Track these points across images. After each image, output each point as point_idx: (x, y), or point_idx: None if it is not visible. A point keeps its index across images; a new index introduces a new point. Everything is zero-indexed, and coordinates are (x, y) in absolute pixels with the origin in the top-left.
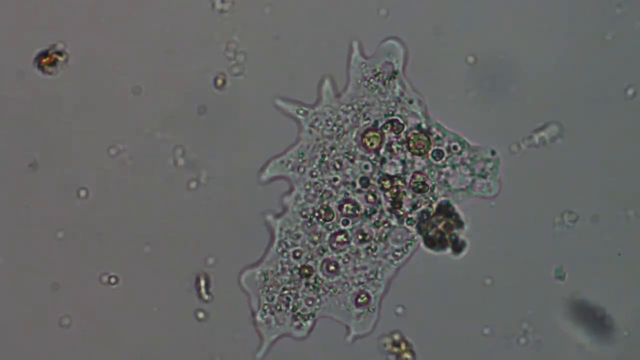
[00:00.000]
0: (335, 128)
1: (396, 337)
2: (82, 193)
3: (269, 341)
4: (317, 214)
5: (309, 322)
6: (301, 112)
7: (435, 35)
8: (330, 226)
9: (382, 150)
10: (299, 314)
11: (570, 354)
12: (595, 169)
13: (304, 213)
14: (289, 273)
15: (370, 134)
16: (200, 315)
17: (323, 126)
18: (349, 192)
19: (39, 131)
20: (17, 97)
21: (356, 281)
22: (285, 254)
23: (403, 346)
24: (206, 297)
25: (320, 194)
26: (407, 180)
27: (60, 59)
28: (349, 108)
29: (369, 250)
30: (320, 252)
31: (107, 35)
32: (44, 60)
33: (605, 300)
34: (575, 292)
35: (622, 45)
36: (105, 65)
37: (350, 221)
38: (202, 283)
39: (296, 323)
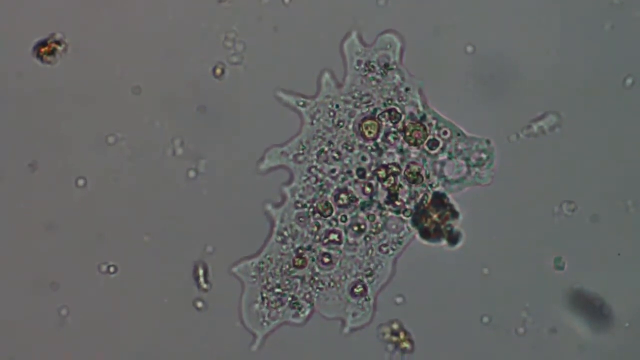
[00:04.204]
0: (336, 120)
1: (395, 326)
2: (81, 182)
3: (263, 334)
4: (312, 210)
5: (307, 311)
6: (301, 103)
7: (434, 25)
8: (330, 221)
9: (379, 140)
10: (296, 303)
11: (569, 344)
12: (594, 158)
13: (299, 205)
14: (288, 264)
15: (369, 123)
16: (199, 304)
17: (325, 118)
18: (344, 182)
19: (37, 120)
20: (15, 87)
21: (354, 272)
22: (285, 247)
23: (402, 335)
24: (205, 286)
25: (320, 184)
26: (403, 171)
27: (59, 48)
28: (350, 98)
29: (367, 239)
30: (311, 245)
31: (105, 24)
32: (43, 50)
33: (605, 290)
34: (574, 281)
35: (621, 35)
36: (103, 54)
37: (349, 217)
38: (201, 272)
39: (293, 312)
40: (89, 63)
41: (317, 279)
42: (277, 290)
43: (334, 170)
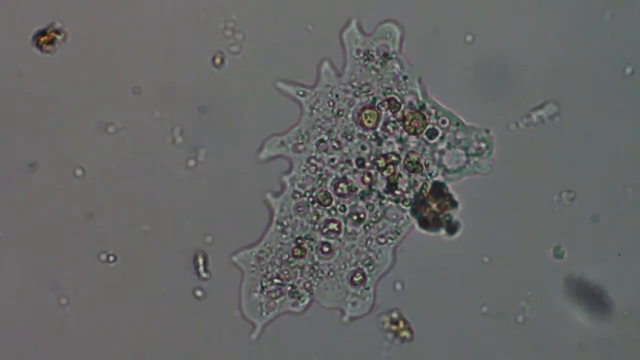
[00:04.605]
0: (335, 109)
1: (394, 315)
2: (79, 172)
3: (262, 323)
4: (312, 199)
5: (306, 300)
6: (301, 93)
7: (433, 15)
8: (329, 210)
9: (378, 129)
10: (296, 291)
11: (568, 332)
12: (594, 147)
13: (297, 195)
14: (287, 253)
15: (368, 111)
16: (199, 293)
17: (324, 107)
18: (343, 171)
19: (36, 110)
20: (13, 76)
21: (353, 261)
22: (284, 236)
23: (401, 324)
24: (204, 275)
25: (320, 173)
26: (402, 160)
27: (59, 37)
28: (349, 87)
29: (366, 228)
30: (309, 234)
31: (104, 13)
32: (42, 39)
33: (604, 278)
34: (573, 270)
35: (621, 24)
36: (103, 43)
37: (347, 206)
38: (200, 261)
39: (292, 300)
40: (89, 52)
41: (316, 267)
42: (276, 281)
43: (333, 160)
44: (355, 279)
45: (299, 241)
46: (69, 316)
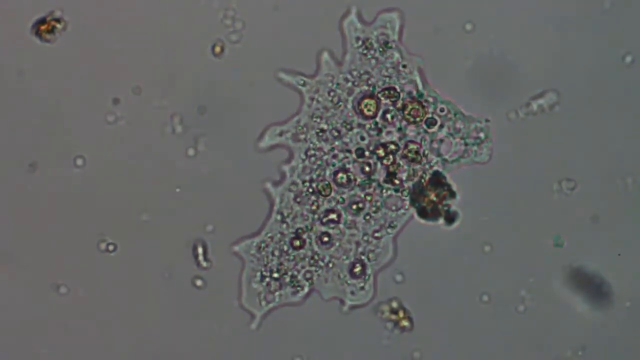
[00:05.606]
0: (335, 99)
1: (394, 304)
2: (79, 161)
3: (261, 313)
4: (311, 190)
5: (306, 289)
6: (301, 82)
7: (432, 3)
8: (329, 199)
9: (378, 119)
10: (296, 281)
11: (569, 321)
12: (594, 136)
13: (293, 188)
14: (286, 244)
15: (367, 101)
16: (199, 282)
17: (324, 97)
18: (343, 160)
19: (36, 99)
20: (13, 65)
21: (353, 252)
22: (284, 225)
23: (401, 313)
24: (204, 264)
25: (320, 163)
26: (401, 149)
27: (59, 26)
28: (349, 76)
29: (366, 218)
30: (309, 225)
31: (104, 1)
32: (42, 28)
33: (604, 267)
34: (573, 259)
35: (620, 12)
36: (103, 32)
37: (346, 197)
38: (200, 250)
39: (292, 290)
40: (88, 41)
41: (316, 258)
42: (275, 275)
43: (332, 149)
44: (355, 270)
45: (299, 232)
46: (68, 305)
